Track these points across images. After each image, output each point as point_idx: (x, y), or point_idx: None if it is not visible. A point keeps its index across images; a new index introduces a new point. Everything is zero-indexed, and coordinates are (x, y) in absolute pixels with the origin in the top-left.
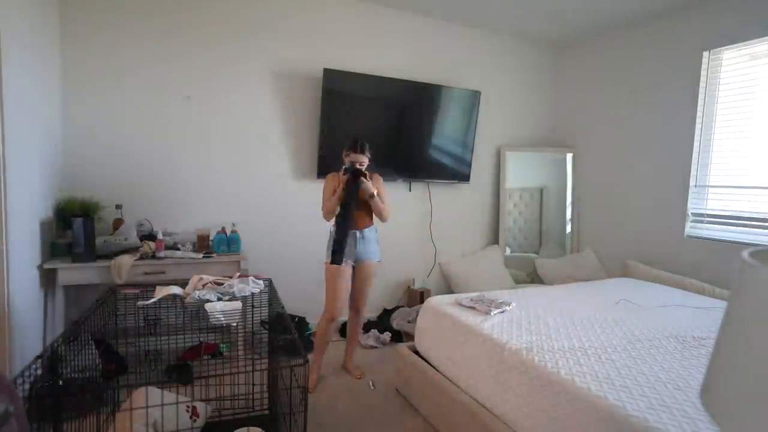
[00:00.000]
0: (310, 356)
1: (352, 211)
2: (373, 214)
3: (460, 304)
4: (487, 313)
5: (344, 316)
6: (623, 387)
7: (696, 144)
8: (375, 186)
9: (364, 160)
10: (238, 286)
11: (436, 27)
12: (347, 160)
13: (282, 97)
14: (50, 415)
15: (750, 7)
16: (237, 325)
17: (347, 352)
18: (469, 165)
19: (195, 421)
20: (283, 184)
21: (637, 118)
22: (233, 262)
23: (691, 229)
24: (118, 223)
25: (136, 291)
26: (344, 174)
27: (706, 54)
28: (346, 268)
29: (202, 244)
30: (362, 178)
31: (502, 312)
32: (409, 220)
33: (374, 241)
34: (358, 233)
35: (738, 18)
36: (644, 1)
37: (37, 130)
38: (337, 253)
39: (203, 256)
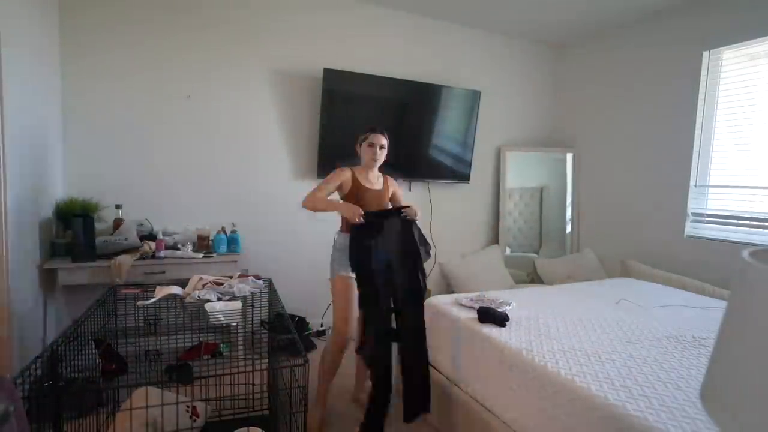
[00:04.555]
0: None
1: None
2: None
3: (460, 304)
4: None
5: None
6: (623, 387)
7: (696, 144)
8: (394, 190)
9: (384, 142)
10: (238, 286)
11: (436, 27)
12: (365, 145)
13: (282, 97)
14: (50, 415)
15: (750, 7)
16: (237, 325)
17: (362, 383)
18: (469, 165)
19: (195, 421)
20: (283, 183)
21: (637, 118)
22: (233, 262)
23: (691, 229)
24: (118, 223)
25: (136, 291)
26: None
27: (706, 54)
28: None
29: (202, 244)
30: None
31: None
32: None
33: None
34: None
35: (738, 18)
36: (644, 1)
37: (37, 130)
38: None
39: (203, 256)
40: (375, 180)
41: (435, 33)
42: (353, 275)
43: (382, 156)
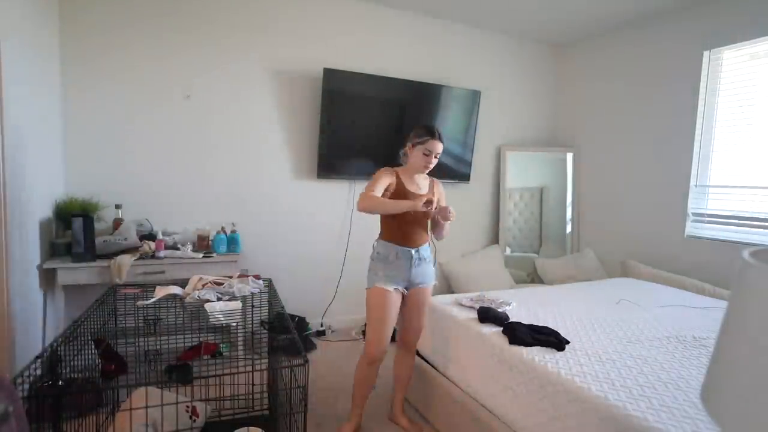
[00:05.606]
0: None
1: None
2: (429, 230)
3: (460, 304)
4: None
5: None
6: (623, 387)
7: (696, 144)
8: (440, 196)
9: (441, 150)
10: (237, 286)
11: (436, 27)
12: (420, 150)
13: (282, 97)
14: (50, 415)
15: (750, 7)
16: (237, 325)
17: (398, 401)
18: (469, 165)
19: (195, 421)
20: (283, 184)
21: (638, 118)
22: (233, 262)
23: (691, 229)
24: (118, 223)
25: (136, 291)
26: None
27: (706, 54)
28: (397, 296)
29: (202, 244)
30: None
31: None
32: None
33: (431, 260)
34: (414, 252)
35: (738, 18)
36: (644, 1)
37: (37, 130)
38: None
39: (203, 256)
40: (422, 183)
41: (435, 33)
42: (393, 288)
43: (434, 164)
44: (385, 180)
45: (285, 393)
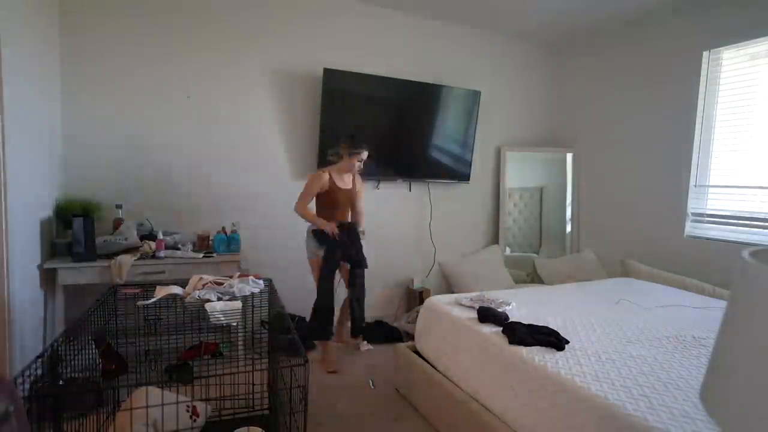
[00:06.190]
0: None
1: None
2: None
3: (460, 304)
4: None
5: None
6: (623, 387)
7: (696, 144)
8: (359, 189)
9: (366, 156)
10: (238, 286)
11: (437, 27)
12: (353, 157)
13: (282, 97)
14: (50, 415)
15: (750, 7)
16: (237, 325)
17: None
18: (469, 165)
19: (195, 420)
20: (283, 183)
21: (637, 118)
22: (233, 262)
23: (691, 229)
24: (118, 222)
25: (136, 291)
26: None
27: (706, 54)
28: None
29: (202, 244)
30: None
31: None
32: (408, 220)
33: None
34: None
35: (738, 18)
36: (644, 1)
37: (37, 130)
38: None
39: (203, 256)
40: (347, 180)
41: (435, 33)
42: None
43: (360, 167)
44: (316, 185)
45: (285, 393)
